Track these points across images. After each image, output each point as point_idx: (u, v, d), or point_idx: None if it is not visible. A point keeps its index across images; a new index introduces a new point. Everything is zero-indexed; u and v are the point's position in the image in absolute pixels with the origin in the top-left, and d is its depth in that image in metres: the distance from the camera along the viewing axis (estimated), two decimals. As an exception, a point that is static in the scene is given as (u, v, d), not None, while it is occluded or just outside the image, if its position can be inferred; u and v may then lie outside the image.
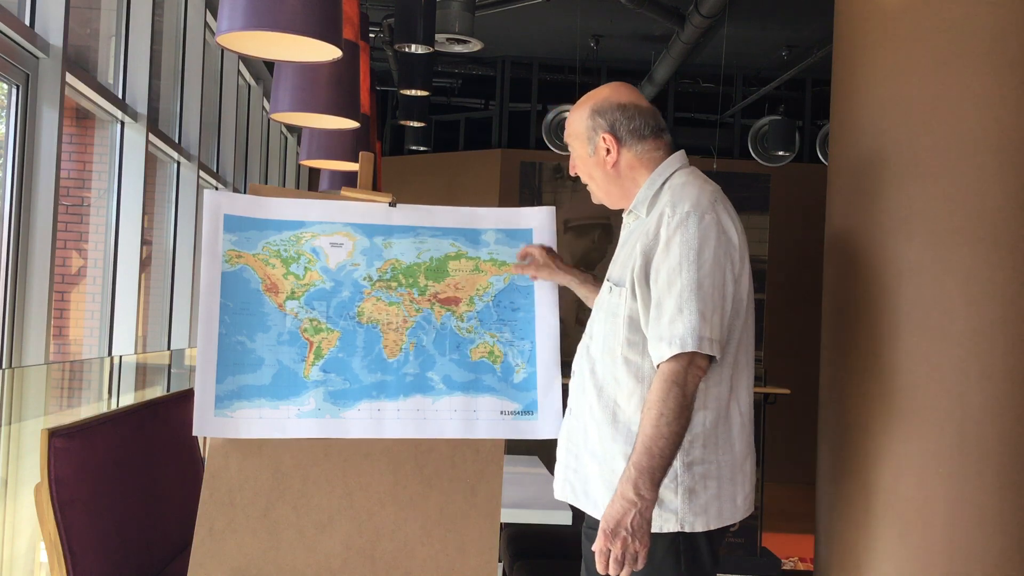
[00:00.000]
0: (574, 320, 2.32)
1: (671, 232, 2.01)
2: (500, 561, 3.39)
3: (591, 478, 2.14)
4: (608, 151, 2.16)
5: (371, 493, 2.29)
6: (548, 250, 2.38)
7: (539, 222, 2.49)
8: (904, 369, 2.34)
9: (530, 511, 3.27)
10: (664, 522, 2.02)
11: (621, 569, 1.93)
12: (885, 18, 2.46)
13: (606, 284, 2.17)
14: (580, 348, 2.24)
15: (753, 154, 8.52)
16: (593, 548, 1.98)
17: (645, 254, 2.04)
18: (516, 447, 4.18)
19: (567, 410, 2.26)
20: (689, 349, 1.95)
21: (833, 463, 2.54)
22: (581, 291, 2.43)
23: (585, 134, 2.18)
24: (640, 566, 1.93)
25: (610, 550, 1.93)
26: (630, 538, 1.92)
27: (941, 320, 2.30)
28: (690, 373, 1.96)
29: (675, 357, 1.95)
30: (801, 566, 5.67)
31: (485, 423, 2.35)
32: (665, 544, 2.02)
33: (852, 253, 2.49)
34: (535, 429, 2.38)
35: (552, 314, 2.43)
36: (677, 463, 2.03)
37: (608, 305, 2.13)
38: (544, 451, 4.40)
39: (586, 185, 2.25)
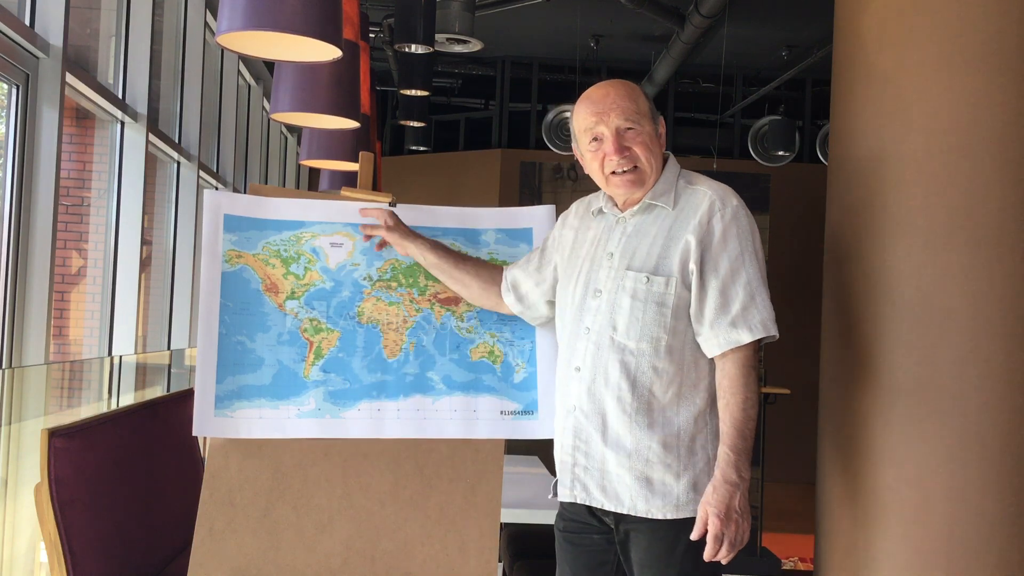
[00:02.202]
0: (574, 320, 2.32)
1: (726, 224, 2.09)
2: (500, 561, 3.39)
3: (612, 473, 2.11)
4: (662, 135, 2.19)
5: (371, 493, 2.29)
6: (392, 215, 2.35)
7: (538, 221, 2.49)
8: (904, 369, 2.34)
9: (530, 511, 3.27)
10: (699, 506, 2.06)
11: (733, 551, 2.00)
12: (885, 18, 2.46)
13: (629, 274, 2.11)
14: (588, 341, 2.14)
15: (753, 154, 8.52)
16: (693, 536, 2.01)
17: (701, 244, 2.08)
18: (516, 447, 4.18)
19: (569, 409, 2.18)
20: (772, 333, 2.07)
21: (833, 463, 2.55)
22: (430, 257, 2.34)
23: (651, 113, 2.17)
24: (744, 545, 2.02)
25: (724, 534, 1.99)
26: (740, 519, 2.00)
27: (941, 320, 2.30)
28: (755, 358, 2.07)
29: (747, 344, 2.05)
30: (801, 566, 5.67)
31: (485, 423, 2.35)
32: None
33: (852, 253, 2.49)
34: (535, 429, 2.38)
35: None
36: (711, 448, 2.10)
37: (648, 295, 2.09)
38: (544, 451, 4.39)
39: (626, 171, 2.13)
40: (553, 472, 2.27)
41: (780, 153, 8.30)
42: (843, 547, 2.48)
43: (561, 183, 9.19)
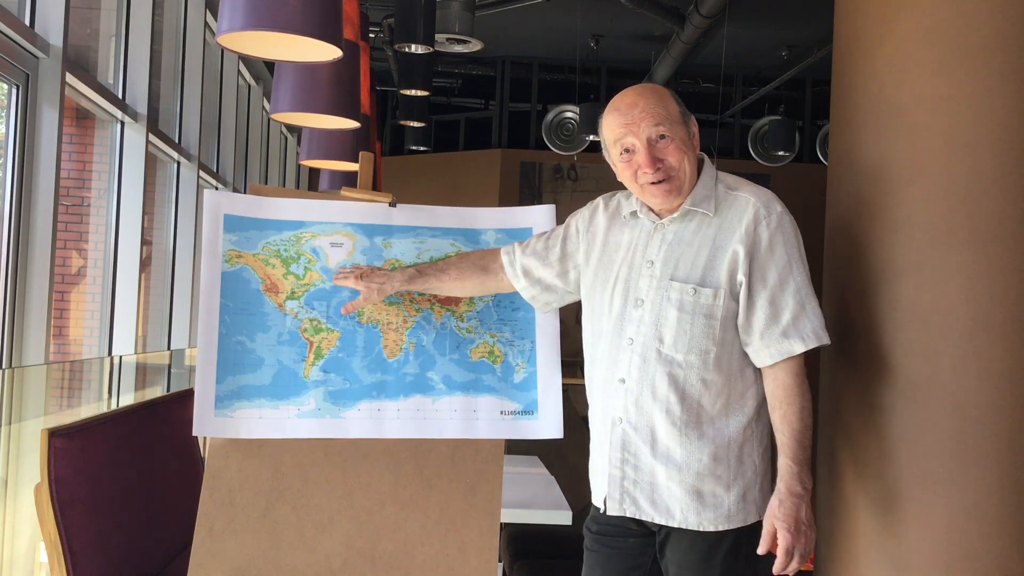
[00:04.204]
0: (574, 320, 2.30)
1: (772, 231, 2.06)
2: (500, 561, 3.39)
3: (662, 486, 2.08)
4: (694, 136, 2.13)
5: (371, 493, 2.29)
6: (363, 268, 2.33)
7: (538, 221, 2.48)
8: (904, 369, 2.34)
9: (530, 511, 3.27)
10: (747, 515, 2.06)
11: (801, 563, 1.98)
12: (885, 18, 2.46)
13: (674, 284, 2.06)
14: (632, 353, 2.09)
15: (753, 154, 8.52)
16: (760, 550, 1.99)
17: (749, 254, 2.04)
18: (516, 447, 4.18)
19: (615, 421, 2.12)
20: (825, 342, 2.06)
21: (833, 463, 2.55)
22: (411, 285, 2.32)
23: (681, 118, 2.10)
24: (809, 555, 2.00)
25: (795, 547, 1.97)
26: (808, 531, 1.99)
27: (941, 320, 2.30)
28: (804, 365, 2.06)
29: (799, 354, 2.04)
30: (801, 566, 5.66)
31: (485, 423, 2.35)
32: (748, 535, 2.07)
33: (852, 253, 2.49)
34: (535, 429, 2.38)
35: (552, 314, 2.43)
36: (756, 457, 2.10)
37: (696, 307, 2.05)
38: (544, 451, 4.39)
39: (661, 181, 2.07)
40: (553, 473, 2.26)
41: (780, 153, 8.31)
42: (843, 547, 2.48)
43: (561, 183, 9.19)
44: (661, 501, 2.09)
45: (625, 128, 2.08)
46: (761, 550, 1.99)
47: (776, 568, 1.97)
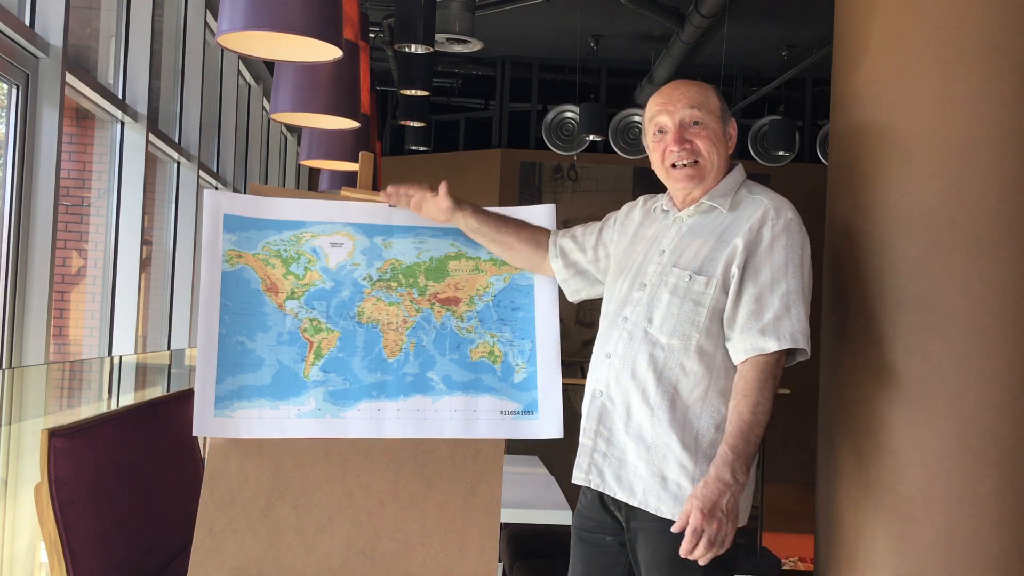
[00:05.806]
0: (574, 320, 2.31)
1: (776, 233, 2.09)
2: (500, 561, 3.39)
3: (630, 464, 2.11)
4: (731, 138, 2.20)
5: (371, 493, 2.29)
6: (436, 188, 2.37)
7: (539, 221, 2.48)
8: (904, 368, 2.34)
9: (530, 511, 3.27)
10: (686, 500, 2.04)
11: (711, 550, 1.95)
12: (885, 18, 2.46)
13: (674, 271, 2.12)
14: (623, 330, 2.16)
15: (753, 154, 8.52)
16: (674, 529, 1.98)
17: (747, 250, 2.08)
18: (516, 447, 4.18)
19: (596, 394, 2.18)
20: (800, 346, 2.06)
21: (833, 463, 2.55)
22: (471, 222, 2.36)
23: (721, 113, 2.18)
24: (725, 549, 1.97)
25: (703, 531, 1.94)
26: (724, 519, 1.96)
27: (941, 320, 2.30)
28: (778, 369, 2.06)
29: (772, 352, 2.03)
30: (801, 566, 5.67)
31: (485, 423, 2.35)
32: None
33: (852, 253, 2.49)
34: (536, 429, 2.38)
35: (552, 313, 2.43)
36: None
37: (687, 292, 2.09)
38: (544, 451, 4.39)
39: (686, 164, 2.14)
40: (553, 473, 2.27)
41: (780, 153, 8.30)
42: (843, 547, 2.48)
43: (561, 183, 9.19)
44: (626, 478, 2.11)
45: (660, 107, 2.17)
46: (675, 528, 1.98)
47: (682, 550, 1.95)
